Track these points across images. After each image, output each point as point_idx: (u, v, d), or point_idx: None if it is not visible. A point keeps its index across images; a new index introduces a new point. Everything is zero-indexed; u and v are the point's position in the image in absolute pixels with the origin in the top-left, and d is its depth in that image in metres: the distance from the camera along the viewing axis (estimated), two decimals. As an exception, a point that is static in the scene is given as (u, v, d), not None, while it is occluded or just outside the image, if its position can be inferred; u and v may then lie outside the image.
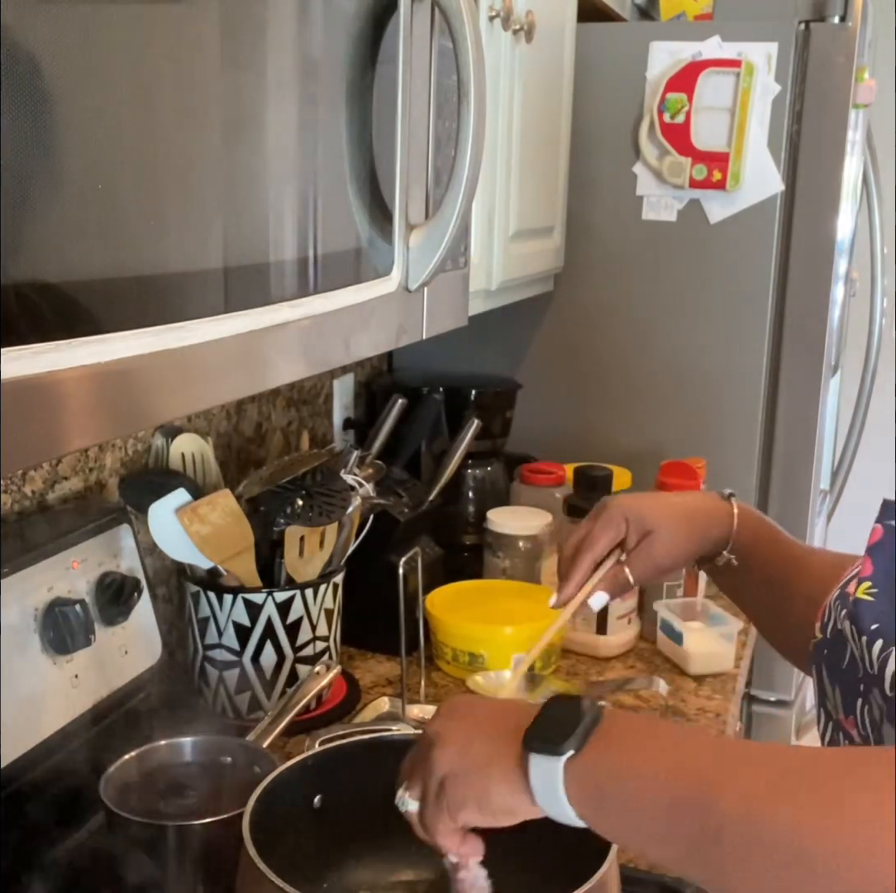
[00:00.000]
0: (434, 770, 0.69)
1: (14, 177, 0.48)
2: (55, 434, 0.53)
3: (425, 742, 0.71)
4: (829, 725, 0.84)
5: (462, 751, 0.68)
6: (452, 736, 0.69)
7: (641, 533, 0.96)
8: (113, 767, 0.97)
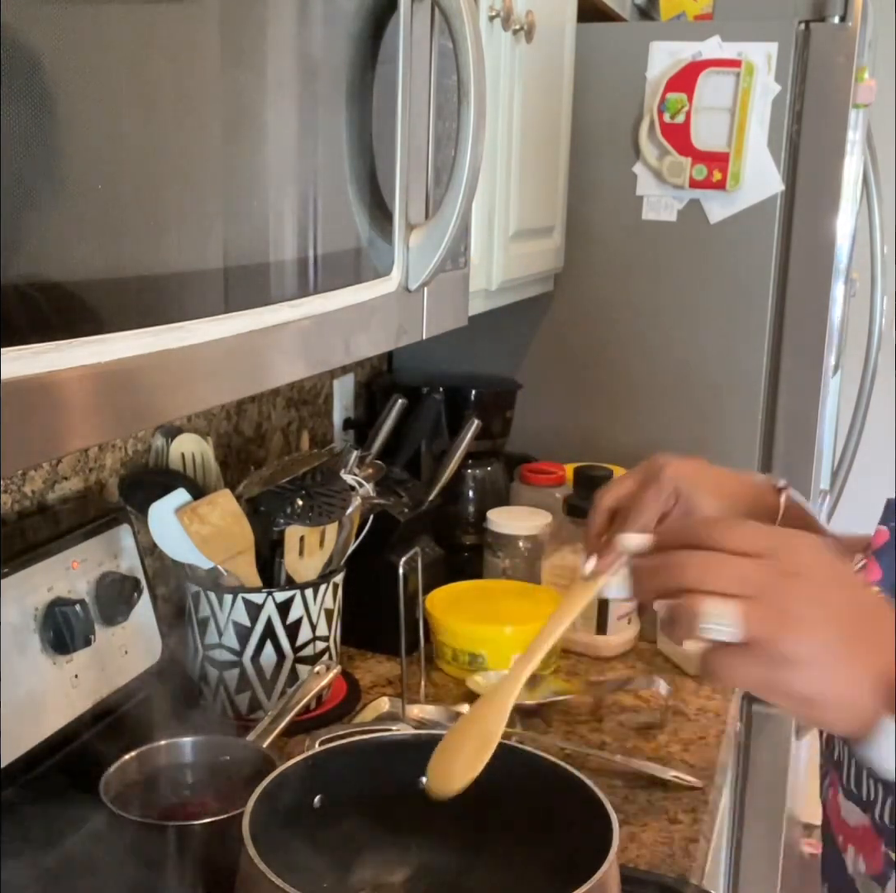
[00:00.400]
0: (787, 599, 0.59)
1: (14, 177, 0.48)
2: (55, 434, 0.53)
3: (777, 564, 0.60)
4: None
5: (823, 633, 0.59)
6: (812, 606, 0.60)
7: (685, 511, 0.90)
8: (113, 767, 0.97)
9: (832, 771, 0.84)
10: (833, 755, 0.85)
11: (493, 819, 0.90)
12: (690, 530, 0.65)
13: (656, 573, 0.64)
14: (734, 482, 0.95)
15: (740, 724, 1.48)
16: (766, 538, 0.62)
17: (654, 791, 1.21)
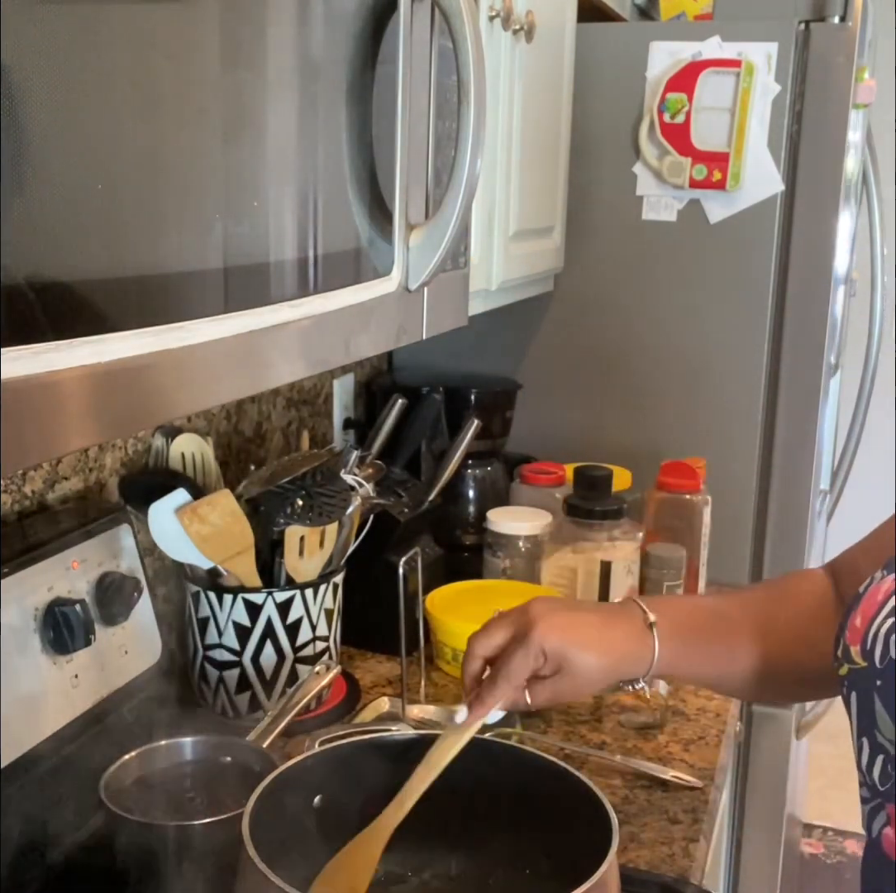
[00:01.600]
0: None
1: (14, 176, 0.48)
2: (55, 434, 0.53)
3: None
4: (878, 756, 0.80)
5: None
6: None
7: (555, 668, 0.93)
8: (113, 767, 0.97)
9: (889, 805, 0.80)
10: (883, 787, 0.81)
11: (492, 819, 0.90)
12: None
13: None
14: (603, 633, 0.96)
15: (740, 724, 1.48)
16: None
17: (654, 790, 1.21)
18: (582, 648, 0.94)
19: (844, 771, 3.05)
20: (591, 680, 0.95)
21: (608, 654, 0.95)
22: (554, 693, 0.95)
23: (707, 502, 1.68)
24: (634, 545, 1.56)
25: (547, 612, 0.95)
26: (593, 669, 0.94)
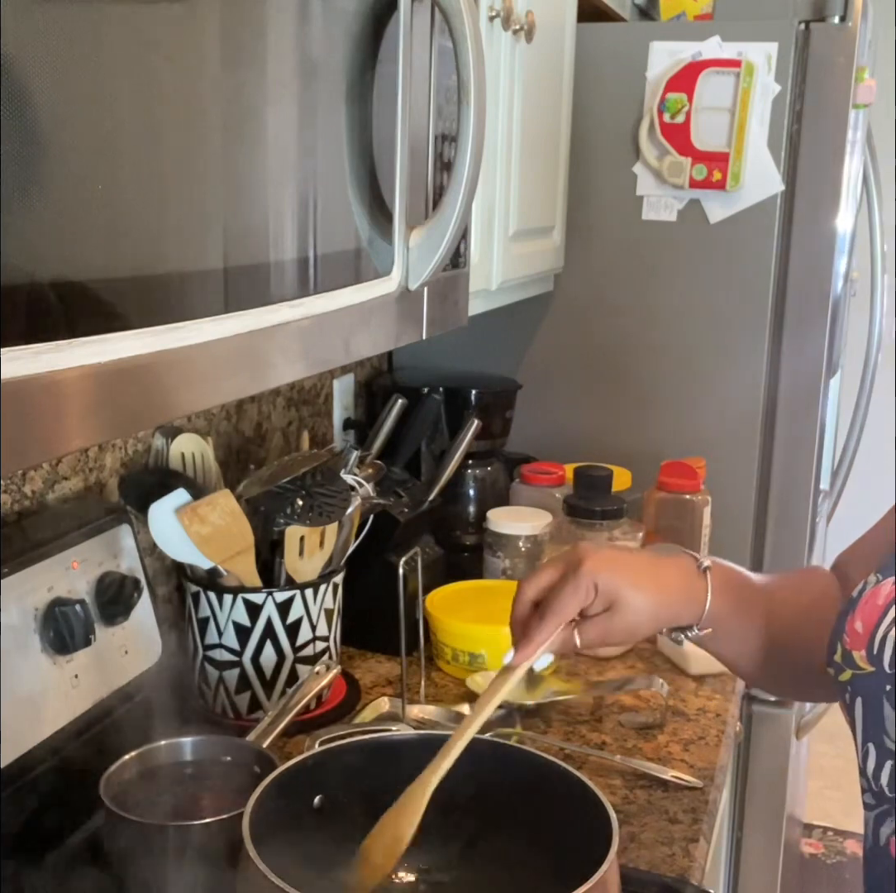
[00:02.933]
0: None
1: (14, 177, 0.48)
2: (55, 434, 0.53)
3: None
4: (886, 762, 0.79)
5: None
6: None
7: (606, 604, 0.90)
8: (113, 767, 0.97)
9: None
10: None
11: (492, 819, 0.90)
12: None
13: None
14: (655, 571, 0.94)
15: (740, 724, 1.48)
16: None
17: (654, 790, 1.21)
18: (633, 582, 0.90)
19: (844, 771, 3.07)
20: (642, 618, 0.91)
21: (660, 591, 0.92)
22: (604, 632, 0.91)
23: (707, 502, 1.68)
24: (634, 545, 1.56)
25: (596, 549, 0.92)
26: (644, 605, 0.90)
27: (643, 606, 0.90)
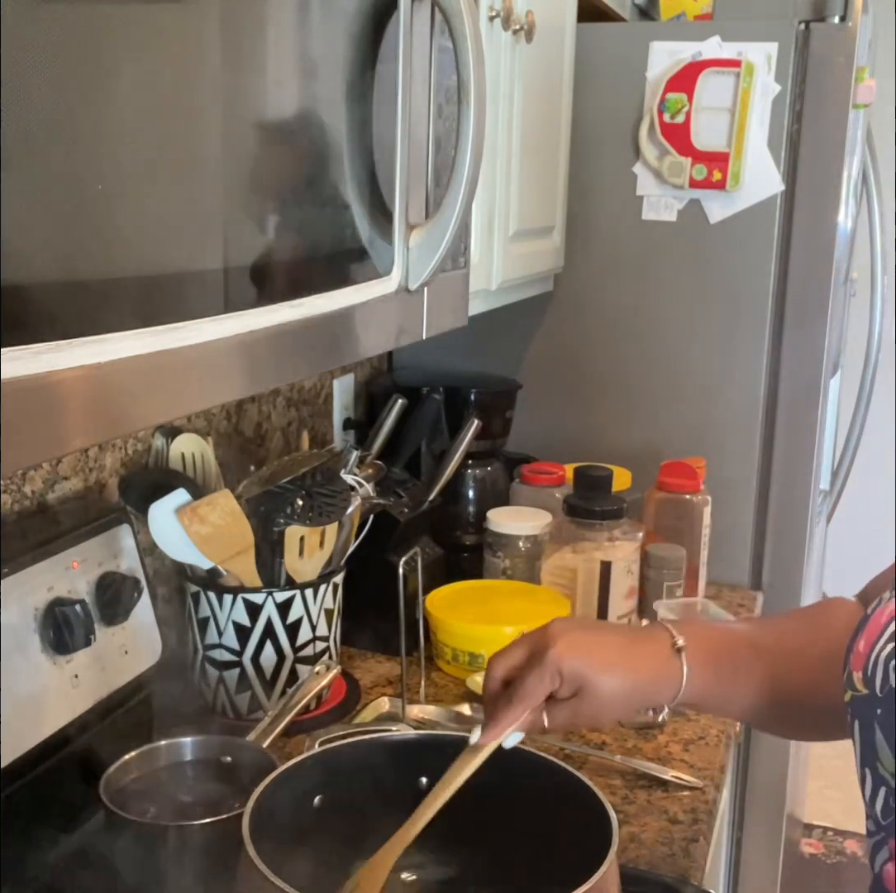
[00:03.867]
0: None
1: (14, 177, 0.48)
2: (55, 434, 0.53)
3: None
4: (880, 789, 0.77)
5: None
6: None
7: (574, 690, 0.88)
8: (113, 767, 0.97)
9: (891, 840, 0.77)
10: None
11: (493, 819, 0.90)
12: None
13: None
14: (626, 654, 0.91)
15: (740, 724, 1.48)
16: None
17: (654, 790, 1.21)
18: (602, 668, 0.88)
19: (844, 771, 3.05)
20: (612, 703, 0.89)
21: (631, 676, 0.89)
22: (572, 716, 0.89)
23: (707, 502, 1.68)
24: (634, 545, 1.56)
25: (566, 631, 0.90)
26: (614, 691, 0.88)
27: (612, 691, 0.88)
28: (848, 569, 1.94)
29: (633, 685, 0.90)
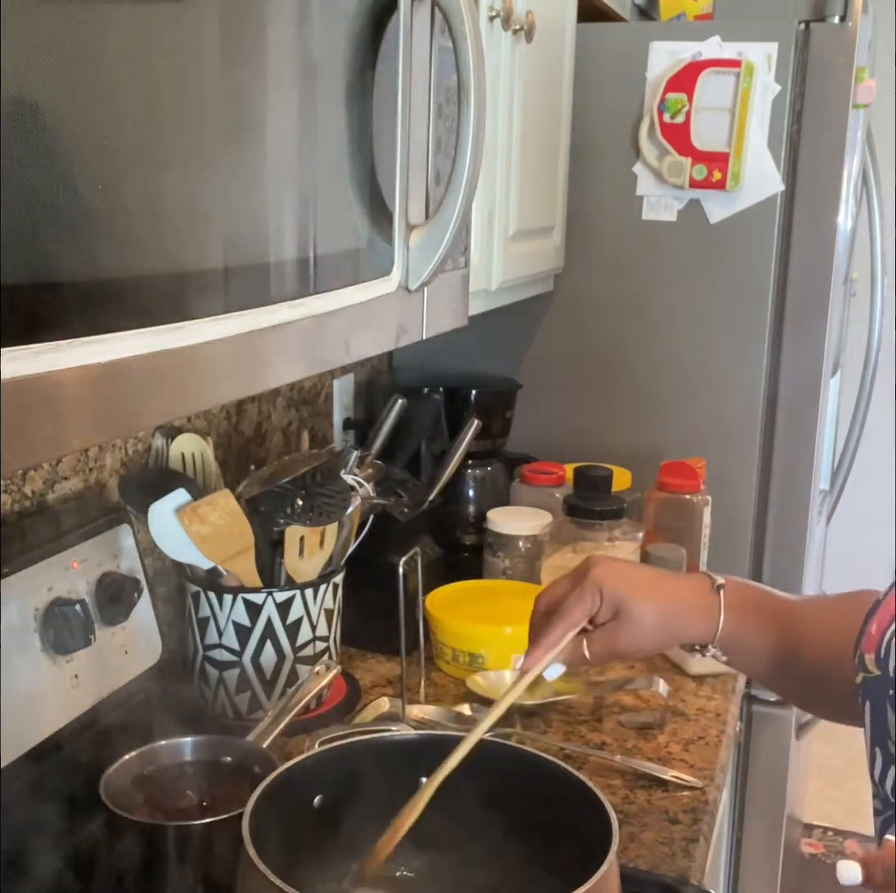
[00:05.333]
0: None
1: (14, 178, 0.48)
2: (55, 434, 0.53)
3: None
4: (890, 768, 0.79)
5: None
6: None
7: (613, 612, 0.90)
8: (113, 767, 0.97)
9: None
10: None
11: (493, 819, 0.90)
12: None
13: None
14: (664, 583, 0.94)
15: (740, 724, 1.48)
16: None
17: (654, 790, 1.21)
18: (641, 591, 0.90)
19: (844, 771, 3.06)
20: (649, 630, 0.90)
21: (669, 602, 0.91)
22: (612, 642, 0.90)
23: (707, 502, 1.68)
24: (634, 545, 1.56)
25: (606, 559, 0.93)
26: (650, 616, 0.89)
27: (648, 615, 0.90)
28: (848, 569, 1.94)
29: (671, 612, 0.91)
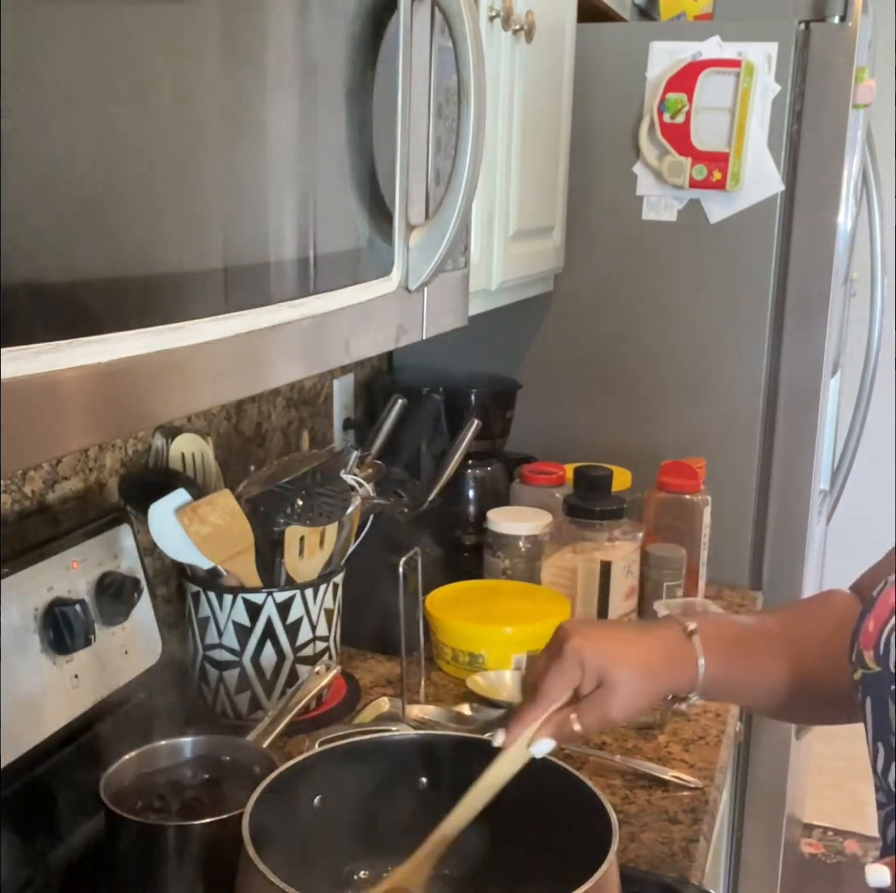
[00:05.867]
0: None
1: (14, 177, 0.48)
2: (55, 434, 0.53)
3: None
4: (892, 762, 0.79)
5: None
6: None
7: (597, 682, 0.88)
8: (113, 767, 0.97)
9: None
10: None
11: (492, 819, 0.90)
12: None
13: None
14: (640, 640, 0.93)
15: (740, 724, 1.48)
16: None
17: (654, 790, 1.21)
18: (619, 656, 0.89)
19: (844, 771, 3.06)
20: (635, 693, 0.89)
21: (647, 661, 0.91)
22: (602, 710, 0.88)
23: (707, 502, 1.68)
24: (634, 545, 1.56)
25: (580, 626, 0.92)
26: (635, 679, 0.89)
27: (632, 678, 0.89)
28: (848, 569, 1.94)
29: (652, 670, 0.91)
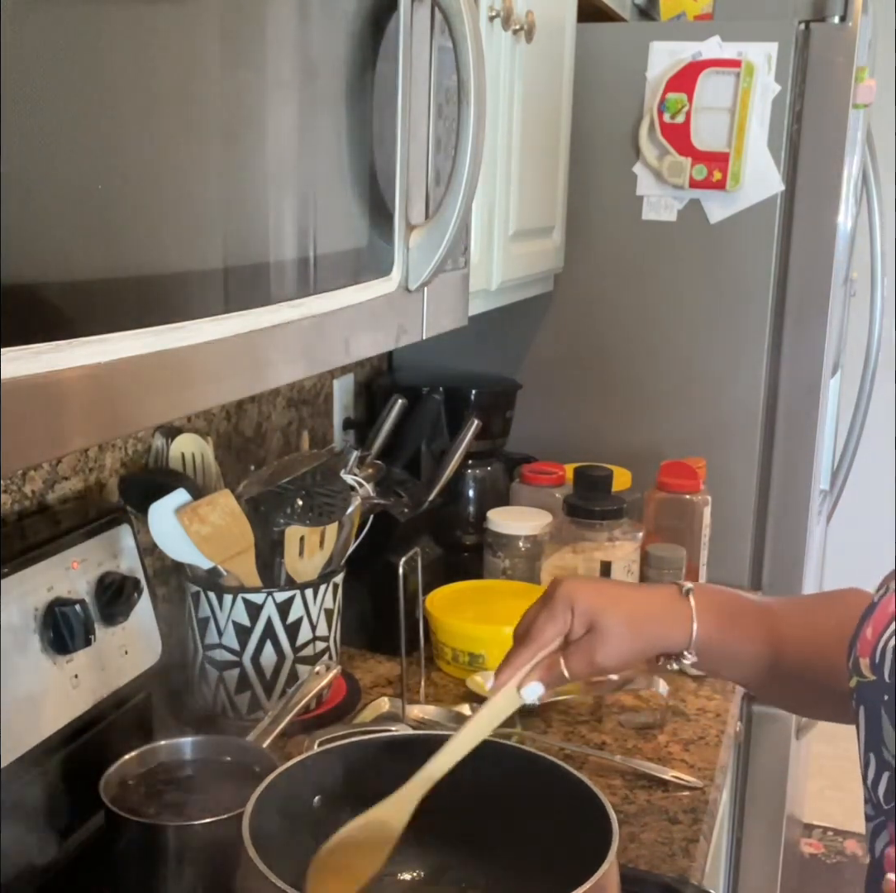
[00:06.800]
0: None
1: (14, 177, 0.48)
2: (55, 434, 0.53)
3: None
4: (883, 774, 0.78)
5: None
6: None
7: (587, 627, 0.88)
8: (113, 767, 0.97)
9: (891, 824, 0.78)
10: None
11: (492, 819, 0.90)
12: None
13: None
14: (634, 592, 0.94)
15: (740, 724, 1.48)
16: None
17: (654, 790, 1.21)
18: (610, 602, 0.89)
19: (844, 771, 3.06)
20: (624, 640, 0.89)
21: (639, 611, 0.90)
22: (588, 655, 0.88)
23: (707, 502, 1.68)
24: (634, 545, 1.56)
25: (573, 577, 0.93)
26: (624, 625, 0.89)
27: (621, 624, 0.89)
28: (848, 569, 1.94)
29: (644, 619, 0.91)
